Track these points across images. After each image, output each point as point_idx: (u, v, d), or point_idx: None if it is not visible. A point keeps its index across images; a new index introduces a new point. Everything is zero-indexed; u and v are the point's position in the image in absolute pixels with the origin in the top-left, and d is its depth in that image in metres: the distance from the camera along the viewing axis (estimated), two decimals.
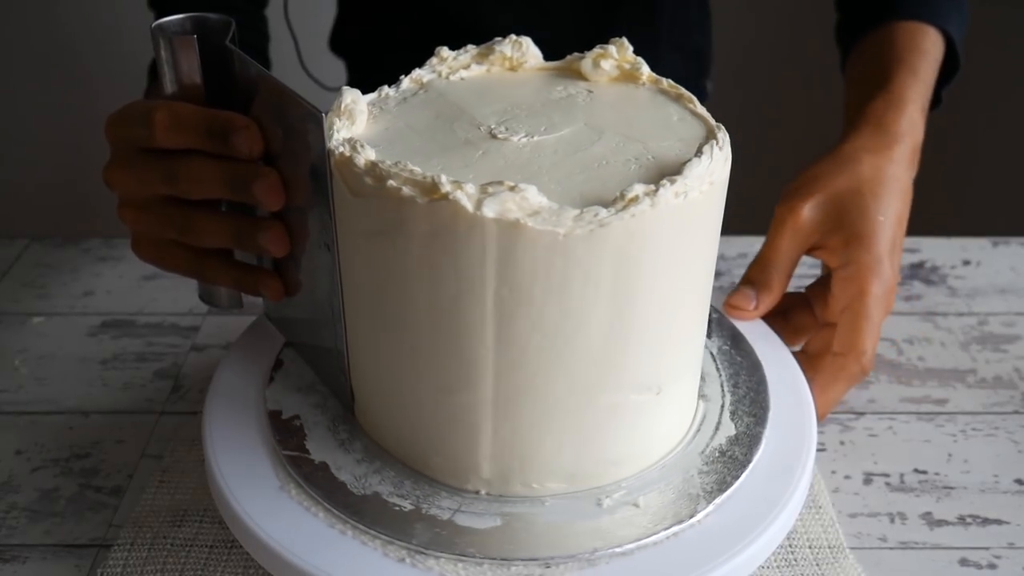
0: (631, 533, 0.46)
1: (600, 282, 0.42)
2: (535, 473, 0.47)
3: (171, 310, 0.75)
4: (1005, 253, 0.81)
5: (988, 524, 0.56)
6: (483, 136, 0.48)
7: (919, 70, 0.69)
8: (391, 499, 0.47)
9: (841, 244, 0.60)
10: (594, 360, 0.45)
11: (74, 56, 1.73)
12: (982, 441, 0.62)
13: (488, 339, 0.44)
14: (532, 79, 0.54)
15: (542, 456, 0.47)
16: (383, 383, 0.49)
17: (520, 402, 0.45)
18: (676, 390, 0.49)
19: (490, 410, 0.45)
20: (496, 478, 0.47)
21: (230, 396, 0.54)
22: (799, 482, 0.49)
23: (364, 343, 0.49)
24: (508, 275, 0.42)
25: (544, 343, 0.44)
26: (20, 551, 0.54)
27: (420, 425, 0.48)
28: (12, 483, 0.59)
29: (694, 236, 0.45)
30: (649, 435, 0.49)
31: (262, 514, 0.47)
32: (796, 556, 0.53)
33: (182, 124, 0.49)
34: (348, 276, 0.47)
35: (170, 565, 0.52)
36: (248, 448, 0.51)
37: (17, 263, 0.80)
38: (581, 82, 0.54)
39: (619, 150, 0.47)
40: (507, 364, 0.44)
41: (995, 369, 0.68)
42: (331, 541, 0.46)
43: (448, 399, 0.46)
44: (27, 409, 0.65)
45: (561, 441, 0.46)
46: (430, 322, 0.44)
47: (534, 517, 0.46)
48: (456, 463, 0.48)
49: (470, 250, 0.42)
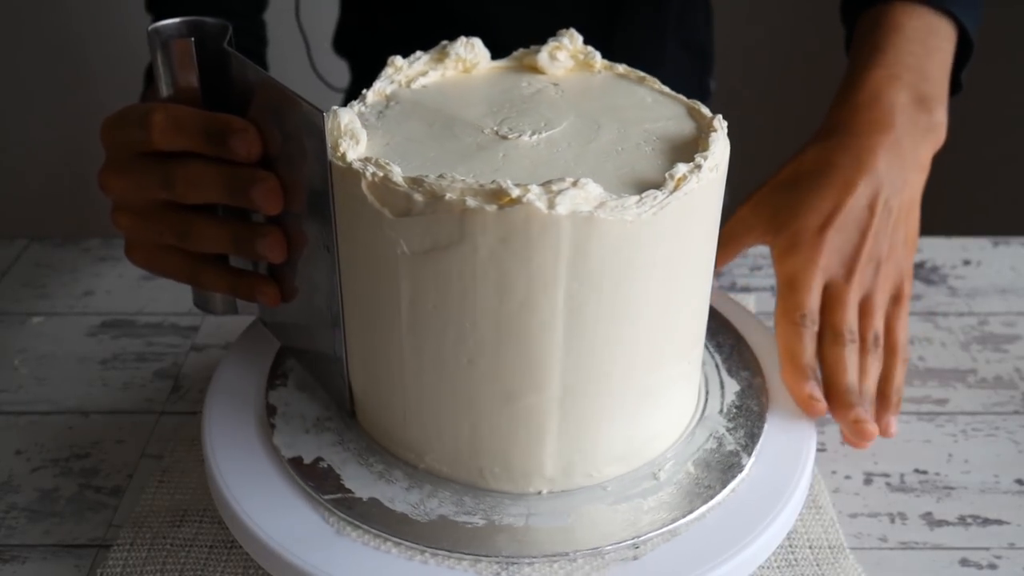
0: (632, 532, 0.46)
1: (656, 261, 0.44)
2: (595, 462, 0.48)
3: (171, 310, 0.74)
4: (1005, 253, 0.81)
5: (988, 524, 0.56)
6: (492, 138, 0.48)
7: (887, 49, 0.67)
8: (335, 462, 0.48)
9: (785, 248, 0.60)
10: (650, 338, 0.46)
11: (75, 56, 1.73)
12: (982, 441, 0.62)
13: (558, 336, 0.44)
14: (490, 78, 0.54)
15: (602, 443, 0.47)
16: (426, 401, 0.48)
17: (585, 393, 0.46)
18: (699, 356, 0.52)
19: (556, 408, 0.46)
20: (559, 475, 0.48)
21: (230, 396, 0.54)
22: (799, 482, 0.50)
23: (408, 365, 0.47)
24: (579, 270, 0.42)
25: (609, 331, 0.44)
26: (20, 551, 0.54)
27: (477, 436, 0.47)
28: (12, 483, 0.59)
29: (718, 206, 0.48)
30: (687, 402, 0.52)
31: (262, 514, 0.47)
32: (796, 556, 0.53)
33: (180, 126, 0.49)
34: (385, 297, 0.46)
35: (170, 565, 0.52)
36: (248, 448, 0.51)
37: (17, 263, 0.80)
38: (540, 76, 0.54)
39: (624, 136, 0.48)
40: (575, 358, 0.45)
41: (995, 369, 0.68)
42: (331, 541, 0.46)
43: (513, 405, 0.46)
44: (27, 409, 0.65)
45: (618, 424, 0.47)
46: (495, 329, 0.44)
47: (597, 511, 0.47)
48: (518, 467, 0.47)
49: (544, 250, 0.42)
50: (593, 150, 0.47)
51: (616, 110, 0.50)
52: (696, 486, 0.48)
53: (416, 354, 0.46)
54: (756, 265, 0.79)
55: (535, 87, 0.53)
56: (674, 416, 0.51)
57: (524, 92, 0.52)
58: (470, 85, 0.53)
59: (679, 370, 0.49)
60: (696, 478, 0.49)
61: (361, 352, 0.49)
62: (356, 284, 0.47)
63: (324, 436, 0.51)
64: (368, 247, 0.45)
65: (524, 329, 0.44)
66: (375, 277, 0.46)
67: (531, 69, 0.55)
